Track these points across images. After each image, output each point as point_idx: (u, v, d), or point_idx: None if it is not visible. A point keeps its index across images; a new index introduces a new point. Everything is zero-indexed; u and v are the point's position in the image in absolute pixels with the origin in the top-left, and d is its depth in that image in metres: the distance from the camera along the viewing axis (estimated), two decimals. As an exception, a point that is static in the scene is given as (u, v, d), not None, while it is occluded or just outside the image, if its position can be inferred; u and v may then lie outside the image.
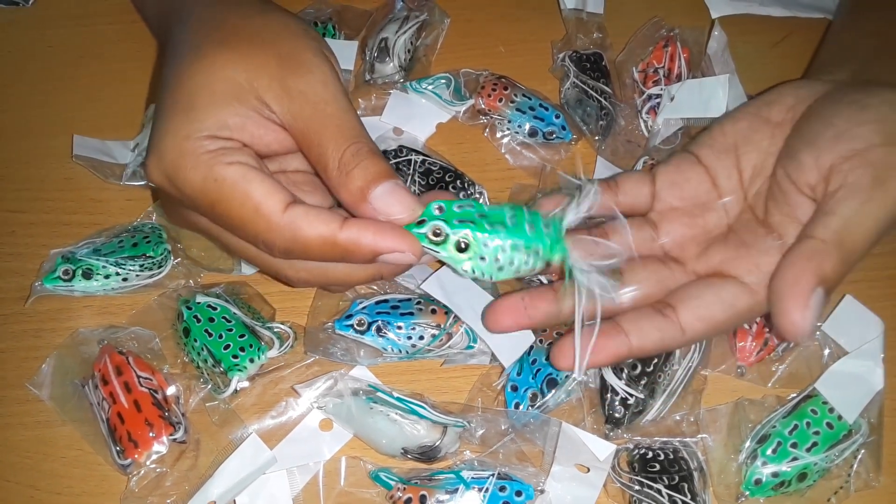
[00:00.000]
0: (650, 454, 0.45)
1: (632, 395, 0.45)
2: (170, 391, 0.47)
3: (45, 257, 0.51)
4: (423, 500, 0.42)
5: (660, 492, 0.43)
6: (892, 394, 0.47)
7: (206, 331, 0.47)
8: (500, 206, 0.37)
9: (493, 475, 0.43)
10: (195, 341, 0.47)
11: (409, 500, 0.42)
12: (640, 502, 0.43)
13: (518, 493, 0.43)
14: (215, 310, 0.48)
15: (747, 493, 0.44)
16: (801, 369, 0.48)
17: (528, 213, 0.37)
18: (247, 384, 0.47)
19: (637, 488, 0.43)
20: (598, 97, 0.58)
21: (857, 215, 0.36)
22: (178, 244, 0.52)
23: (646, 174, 0.45)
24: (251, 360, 0.47)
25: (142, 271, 0.51)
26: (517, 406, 0.46)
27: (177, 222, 0.43)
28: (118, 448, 0.44)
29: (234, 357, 0.46)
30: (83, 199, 0.56)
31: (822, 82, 0.43)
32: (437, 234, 0.36)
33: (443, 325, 0.48)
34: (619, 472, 0.44)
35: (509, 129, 0.58)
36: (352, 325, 0.47)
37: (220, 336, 0.47)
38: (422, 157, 0.55)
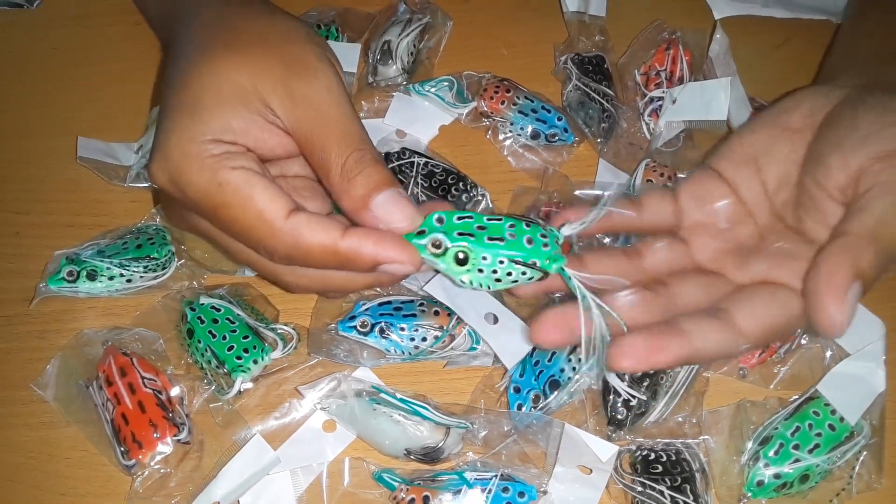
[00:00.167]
0: (652, 456, 0.45)
1: (634, 397, 0.45)
2: (174, 392, 0.47)
3: (50, 259, 0.52)
4: (426, 500, 0.42)
5: (662, 493, 0.43)
6: (894, 396, 0.47)
7: (209, 332, 0.47)
8: (499, 219, 0.37)
9: (495, 476, 0.43)
10: (199, 342, 0.47)
11: (413, 501, 0.43)
12: None
13: (521, 495, 0.43)
14: (219, 311, 0.48)
15: (749, 494, 0.44)
16: (803, 371, 0.48)
17: (527, 226, 0.37)
18: (250, 385, 0.48)
19: (639, 490, 0.43)
20: (601, 100, 0.58)
21: (888, 211, 0.35)
22: (182, 246, 0.52)
23: (667, 191, 0.44)
24: (255, 362, 0.47)
25: (146, 273, 0.51)
26: (520, 407, 0.46)
27: (177, 224, 0.43)
28: (122, 449, 0.44)
29: (238, 358, 0.47)
30: (87, 200, 0.56)
31: (838, 87, 0.42)
32: (436, 246, 0.36)
33: (445, 327, 0.48)
34: (622, 473, 0.44)
35: (512, 131, 0.58)
36: (355, 327, 0.48)
37: (224, 337, 0.47)
38: (424, 160, 0.55)
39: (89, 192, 0.56)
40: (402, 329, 0.48)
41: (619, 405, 0.46)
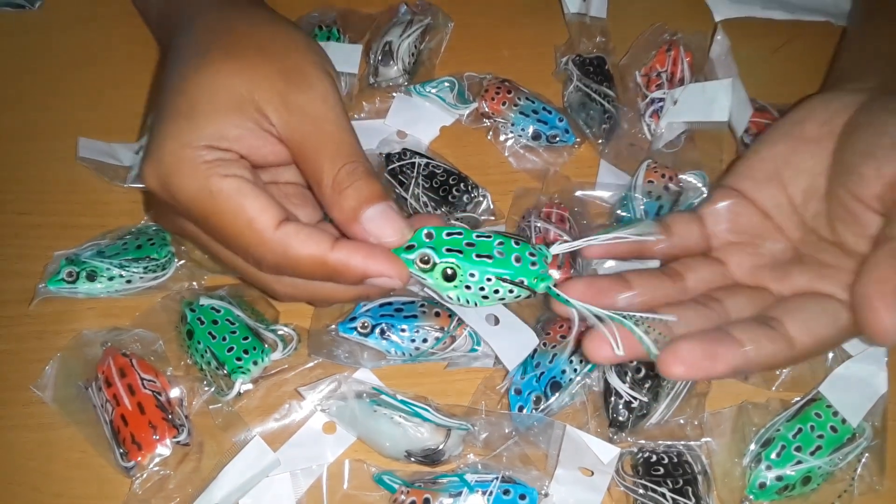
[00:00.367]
0: (654, 458, 0.45)
1: (636, 399, 0.45)
2: (173, 393, 0.47)
3: (50, 259, 0.52)
4: (426, 503, 0.42)
5: (664, 495, 0.43)
6: (896, 398, 0.47)
7: (209, 333, 0.47)
8: (488, 236, 0.37)
9: (496, 478, 0.43)
10: (199, 343, 0.47)
11: (413, 503, 0.42)
12: (644, 506, 0.43)
13: (522, 497, 0.43)
14: (219, 312, 0.48)
15: (751, 496, 0.44)
16: (805, 373, 0.48)
17: (516, 244, 0.37)
18: (250, 387, 0.47)
19: (641, 492, 0.43)
20: (602, 101, 0.58)
21: None
22: (181, 246, 0.52)
23: (693, 214, 0.44)
24: (254, 363, 0.47)
25: (146, 273, 0.51)
26: (521, 409, 0.46)
27: (166, 226, 0.43)
28: (122, 450, 0.44)
29: (238, 359, 0.46)
30: (88, 201, 0.56)
31: (851, 92, 0.42)
32: (424, 262, 0.37)
33: (446, 329, 0.48)
34: (623, 475, 0.44)
35: (513, 132, 0.58)
36: (355, 328, 0.48)
37: (224, 338, 0.47)
38: (425, 160, 0.55)
39: (89, 192, 0.56)
40: (403, 330, 0.47)
41: (621, 407, 0.46)
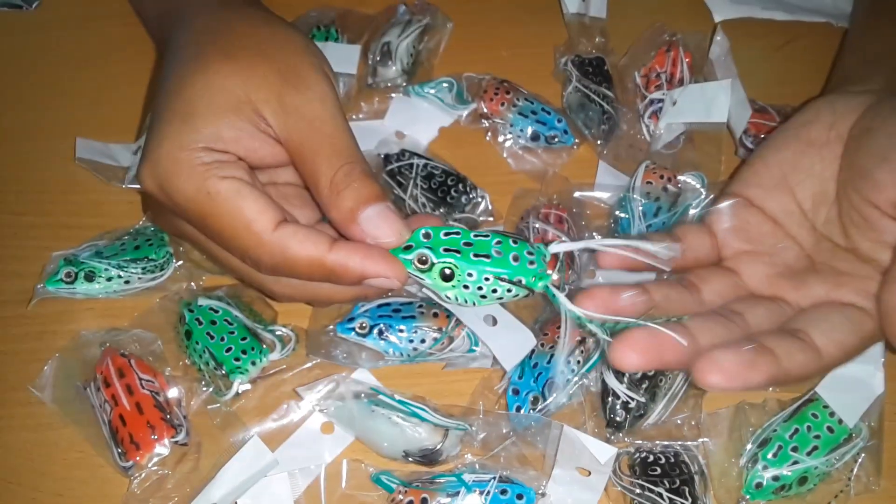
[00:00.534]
0: (651, 458, 0.45)
1: (633, 399, 0.45)
2: (172, 393, 0.47)
3: (48, 260, 0.51)
4: (424, 502, 0.42)
5: (661, 495, 0.43)
6: (893, 398, 0.47)
7: (207, 333, 0.47)
8: (486, 235, 0.37)
9: (494, 478, 0.43)
10: (197, 344, 0.47)
11: (411, 503, 0.43)
12: (641, 506, 0.43)
13: (519, 497, 0.43)
14: (217, 312, 0.48)
15: (748, 496, 0.44)
16: (803, 374, 0.48)
17: (514, 243, 0.37)
18: (248, 387, 0.47)
19: (638, 492, 0.43)
20: (601, 101, 0.58)
21: None
22: (180, 247, 0.52)
23: (702, 225, 0.43)
24: (253, 363, 0.47)
25: (144, 274, 0.51)
26: (518, 409, 0.46)
27: (163, 227, 0.43)
28: (120, 450, 0.44)
29: (236, 360, 0.46)
30: (86, 201, 0.56)
31: (856, 94, 0.42)
32: (422, 262, 0.37)
33: (444, 329, 0.48)
34: (621, 475, 0.44)
35: (511, 132, 0.58)
36: (353, 329, 0.48)
37: (222, 339, 0.47)
38: (424, 161, 0.55)
39: (87, 193, 0.56)
40: (401, 331, 0.48)
41: (618, 407, 0.46)
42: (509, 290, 0.37)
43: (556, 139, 0.58)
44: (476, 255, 0.37)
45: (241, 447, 0.44)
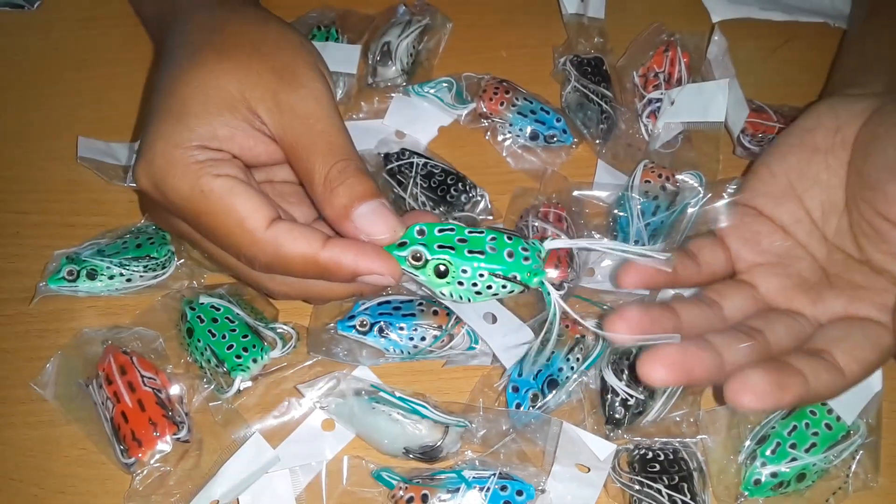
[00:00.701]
0: (650, 454, 0.45)
1: (632, 396, 0.46)
2: (173, 391, 0.47)
3: (50, 258, 0.52)
4: (424, 499, 0.43)
5: (660, 492, 0.43)
6: (891, 395, 0.47)
7: (209, 331, 0.47)
8: (480, 232, 0.37)
9: (494, 475, 0.43)
10: (198, 341, 0.47)
11: (411, 500, 0.43)
12: (641, 502, 0.43)
13: (519, 493, 0.43)
14: (219, 310, 0.48)
15: (746, 493, 0.44)
16: (800, 371, 0.48)
17: (509, 239, 0.37)
18: (250, 384, 0.48)
19: (637, 488, 0.44)
20: (599, 101, 0.58)
21: None
22: (181, 245, 0.52)
23: (713, 238, 0.43)
24: (254, 361, 0.47)
25: (146, 272, 0.51)
26: (518, 406, 0.46)
27: (161, 225, 0.43)
28: (122, 447, 0.45)
29: (238, 357, 0.47)
30: (87, 200, 0.56)
31: (858, 98, 0.41)
32: (416, 259, 0.36)
33: (444, 327, 0.48)
34: (620, 472, 0.45)
35: (511, 132, 0.58)
36: (354, 326, 0.48)
37: (224, 336, 0.47)
38: (424, 160, 0.55)
39: (89, 191, 0.56)
40: (401, 328, 0.48)
41: (617, 404, 0.46)
42: (504, 287, 0.37)
43: (555, 138, 0.58)
44: (470, 252, 0.36)
45: (243, 444, 0.45)
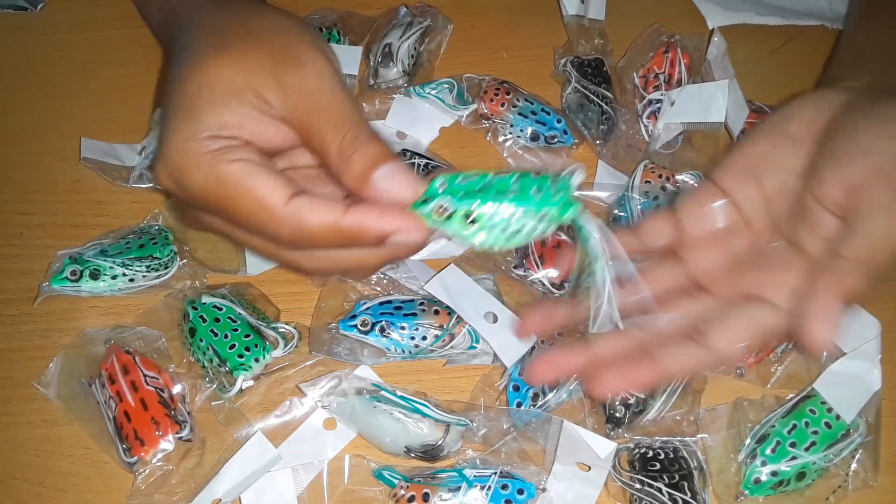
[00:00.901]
0: (651, 453, 0.45)
1: (632, 395, 0.46)
2: (176, 390, 0.47)
3: (53, 258, 0.52)
4: (426, 497, 0.43)
5: (660, 490, 0.43)
6: (890, 394, 0.48)
7: (211, 331, 0.48)
8: (505, 174, 0.35)
9: (495, 473, 0.44)
10: (201, 341, 0.48)
11: (413, 498, 0.43)
12: (641, 501, 0.44)
13: (520, 492, 0.43)
14: (221, 310, 0.49)
15: (746, 491, 0.44)
16: (800, 370, 0.49)
17: (535, 175, 0.35)
18: (252, 383, 0.48)
19: (637, 487, 0.44)
20: (600, 102, 0.58)
21: (882, 233, 0.35)
22: (184, 246, 0.53)
23: (667, 211, 0.44)
24: (256, 360, 0.47)
25: (148, 272, 0.51)
26: (519, 405, 0.46)
27: (191, 226, 0.43)
28: (125, 446, 0.45)
29: (240, 357, 0.47)
30: (90, 201, 0.56)
31: (839, 91, 0.42)
32: (442, 211, 0.35)
33: (445, 326, 0.48)
34: (620, 470, 0.45)
35: (511, 133, 0.59)
36: (356, 326, 0.48)
37: (226, 336, 0.47)
38: (425, 161, 0.55)
39: (92, 192, 0.57)
40: (403, 328, 0.48)
41: (618, 403, 0.46)
42: (535, 228, 0.35)
43: (556, 139, 0.58)
44: (497, 194, 0.34)
45: (245, 443, 0.45)
